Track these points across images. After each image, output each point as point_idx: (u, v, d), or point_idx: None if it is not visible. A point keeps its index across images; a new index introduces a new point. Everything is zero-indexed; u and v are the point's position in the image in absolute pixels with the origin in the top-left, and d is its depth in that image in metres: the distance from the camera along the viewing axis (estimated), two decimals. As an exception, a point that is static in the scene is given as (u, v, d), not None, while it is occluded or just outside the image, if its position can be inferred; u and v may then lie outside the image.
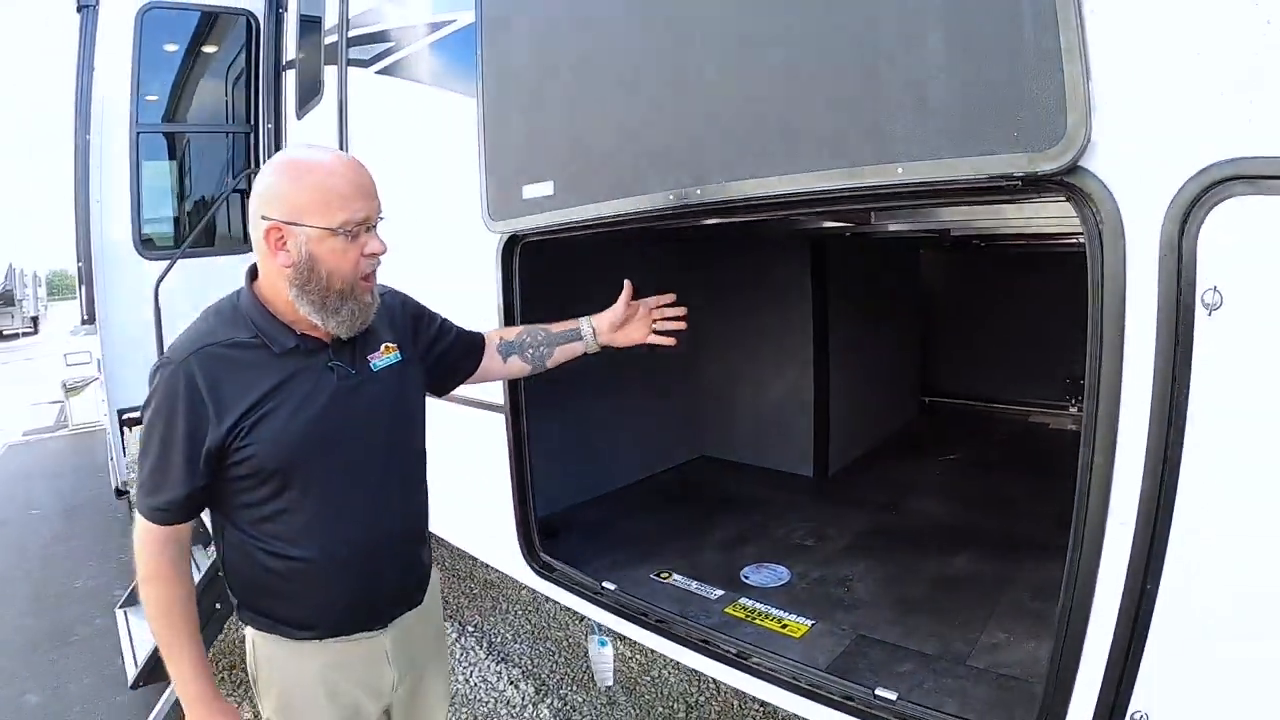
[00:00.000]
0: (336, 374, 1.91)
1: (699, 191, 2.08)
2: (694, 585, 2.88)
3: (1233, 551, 1.41)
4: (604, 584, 2.80)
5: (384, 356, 2.02)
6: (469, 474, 3.26)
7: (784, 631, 2.53)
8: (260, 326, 1.85)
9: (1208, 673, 1.48)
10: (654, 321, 2.43)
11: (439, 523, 3.60)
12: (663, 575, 2.96)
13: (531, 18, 2.61)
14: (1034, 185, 1.51)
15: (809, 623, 2.57)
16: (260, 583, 1.91)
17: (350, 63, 4.06)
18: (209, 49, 6.00)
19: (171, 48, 5.84)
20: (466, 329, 2.34)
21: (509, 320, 2.84)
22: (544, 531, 3.09)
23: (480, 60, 2.76)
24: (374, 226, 1.86)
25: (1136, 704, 1.54)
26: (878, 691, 2.08)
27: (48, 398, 15.12)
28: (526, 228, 2.71)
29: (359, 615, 1.99)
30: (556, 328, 2.44)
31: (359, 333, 1.92)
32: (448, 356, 2.28)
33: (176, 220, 6.02)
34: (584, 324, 2.43)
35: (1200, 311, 1.35)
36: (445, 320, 2.30)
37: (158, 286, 5.14)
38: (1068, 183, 1.45)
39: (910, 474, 4.35)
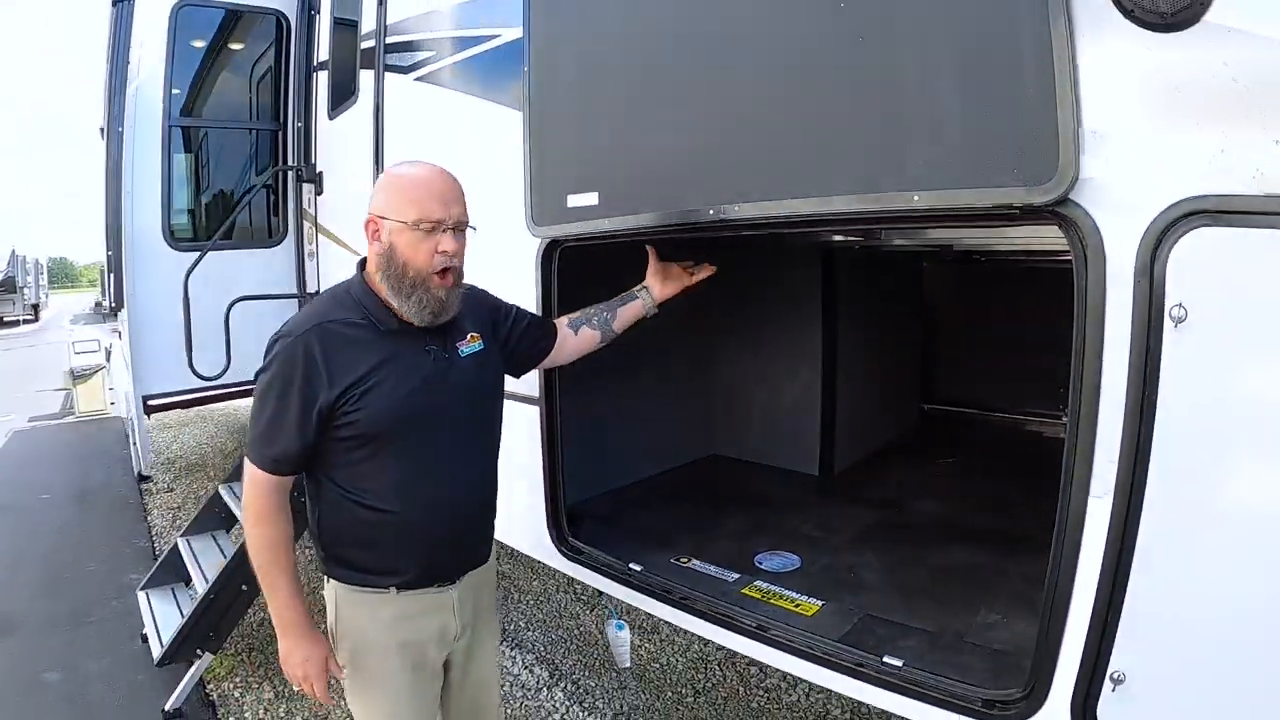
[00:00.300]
0: (431, 356, 2.24)
1: (737, 209, 2.36)
2: (712, 569, 3.15)
3: (1196, 527, 1.69)
4: (631, 565, 3.09)
5: (469, 344, 2.36)
6: (501, 465, 3.57)
7: (797, 610, 2.79)
8: (369, 309, 2.20)
9: (1176, 636, 1.75)
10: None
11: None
12: (682, 560, 3.22)
13: (578, 41, 2.90)
14: (1030, 214, 1.79)
15: (819, 603, 2.84)
16: (350, 534, 2.23)
17: (388, 68, 4.34)
18: (238, 46, 6.28)
19: (202, 44, 6.11)
20: (538, 315, 2.71)
21: (546, 311, 3.13)
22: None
23: (527, 76, 3.03)
24: (450, 229, 2.16)
25: (1115, 664, 1.81)
26: (885, 659, 2.35)
27: (51, 385, 15.33)
28: (568, 234, 3.00)
29: (434, 569, 2.30)
30: (614, 300, 2.82)
31: (436, 323, 2.23)
32: (523, 342, 2.63)
33: (194, 213, 6.30)
34: (636, 289, 2.86)
35: (1168, 324, 1.63)
36: (519, 309, 2.66)
37: (187, 277, 5.36)
38: (1059, 212, 1.74)
39: (911, 475, 4.63)
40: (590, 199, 2.81)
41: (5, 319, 38.56)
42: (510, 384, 3.24)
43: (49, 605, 5.58)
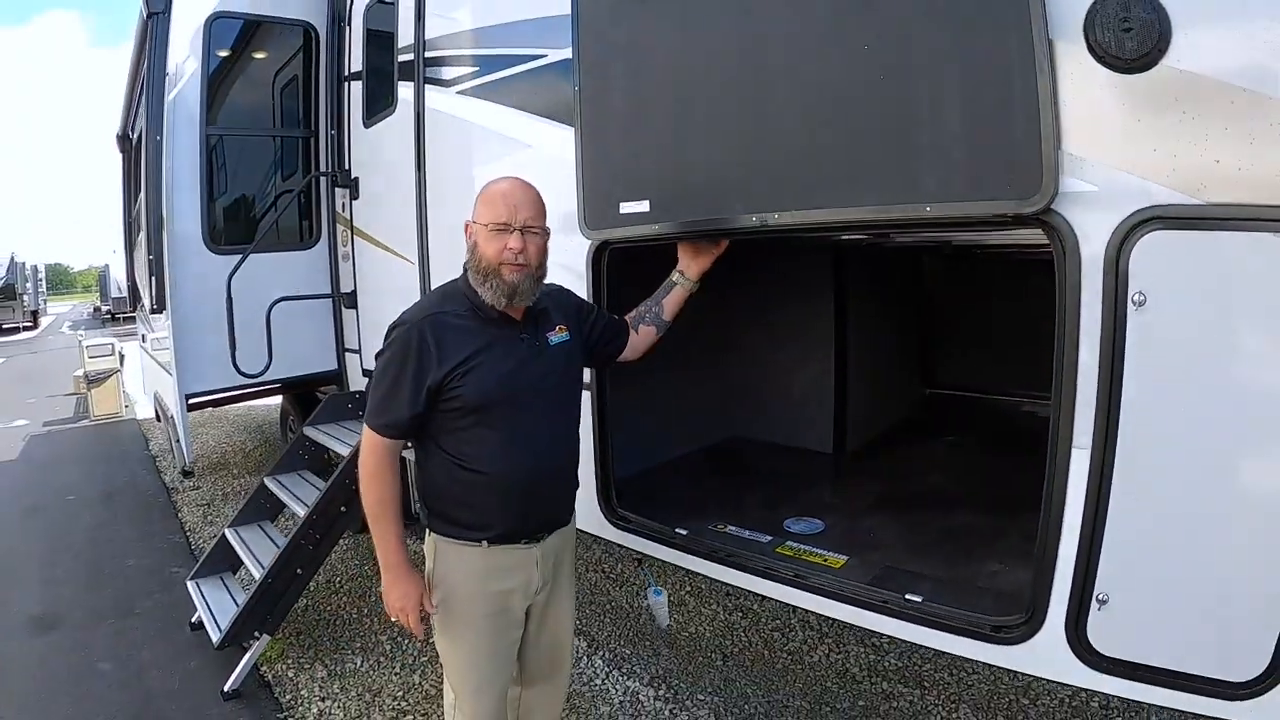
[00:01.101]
0: (524, 344, 2.69)
1: (776, 217, 2.85)
2: (746, 533, 3.59)
3: (1160, 470, 2.19)
4: (677, 529, 3.55)
5: (558, 335, 2.81)
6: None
7: (826, 564, 3.25)
8: (472, 301, 2.66)
9: (1149, 561, 2.24)
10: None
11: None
12: (718, 527, 3.66)
13: (626, 64, 3.35)
14: (1020, 221, 2.30)
15: (845, 558, 3.29)
16: (451, 493, 2.68)
17: (428, 82, 4.79)
18: (268, 56, 6.63)
19: (234, 54, 6.44)
20: (615, 317, 3.17)
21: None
22: (606, 495, 3.84)
23: (578, 94, 3.49)
24: (519, 230, 2.60)
25: (1100, 587, 2.29)
26: (907, 596, 2.82)
27: (60, 390, 15.64)
28: (619, 237, 3.47)
29: (520, 527, 2.73)
30: (655, 294, 3.29)
31: (512, 305, 2.66)
32: (603, 338, 3.08)
33: (230, 217, 6.64)
34: (672, 277, 3.29)
35: (1131, 308, 2.13)
36: (599, 309, 3.17)
37: (230, 279, 5.76)
38: (1042, 220, 2.24)
39: (917, 451, 5.12)
40: (642, 206, 3.27)
41: (4, 326, 38.72)
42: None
43: (93, 599, 5.85)
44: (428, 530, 2.81)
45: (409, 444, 2.75)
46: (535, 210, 2.68)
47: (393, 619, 2.73)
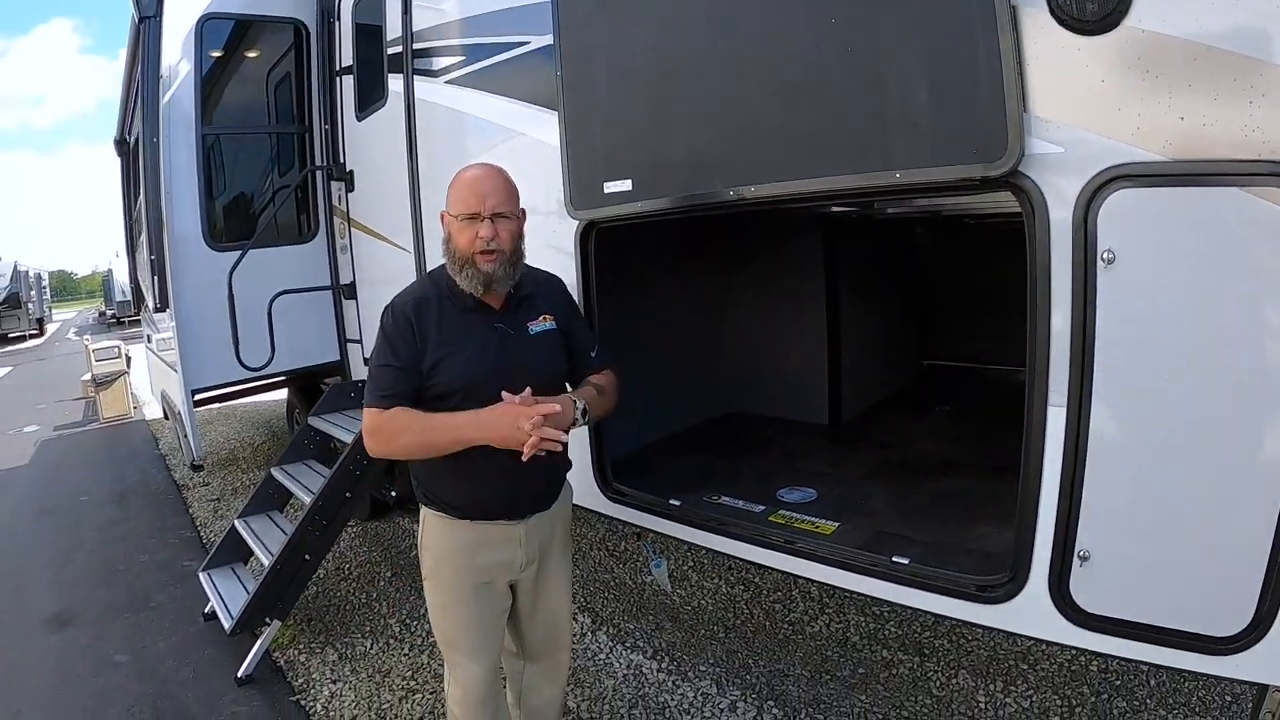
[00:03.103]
0: (498, 333, 2.73)
1: (752, 190, 2.89)
2: (740, 503, 3.62)
3: (1133, 425, 2.22)
4: (671, 501, 3.59)
5: (541, 323, 2.84)
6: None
7: (817, 530, 3.28)
8: (448, 290, 2.73)
9: (1127, 516, 2.26)
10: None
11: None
12: (712, 498, 3.69)
13: (605, 48, 3.38)
14: (989, 184, 2.32)
15: (836, 524, 3.32)
16: (438, 471, 2.74)
17: (417, 73, 4.81)
18: (259, 55, 6.65)
19: (226, 54, 6.46)
20: (596, 344, 3.07)
21: (585, 284, 3.67)
22: (602, 470, 3.87)
23: (560, 79, 3.52)
24: (489, 218, 2.62)
25: (1081, 544, 2.32)
26: (894, 559, 2.86)
27: (69, 395, 15.72)
28: (604, 216, 3.50)
29: (504, 506, 2.78)
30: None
31: (489, 293, 2.69)
32: (575, 344, 2.98)
33: (229, 214, 6.68)
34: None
35: (1101, 266, 2.15)
36: (587, 327, 3.17)
37: (231, 275, 5.81)
38: (1010, 182, 2.26)
39: (911, 421, 5.14)
40: (625, 185, 3.32)
41: (11, 335, 38.72)
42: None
43: (107, 595, 5.92)
44: (421, 505, 2.90)
45: None
46: (505, 196, 2.70)
47: (532, 438, 2.46)
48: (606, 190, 3.38)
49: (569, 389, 2.93)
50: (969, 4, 2.25)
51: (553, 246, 3.78)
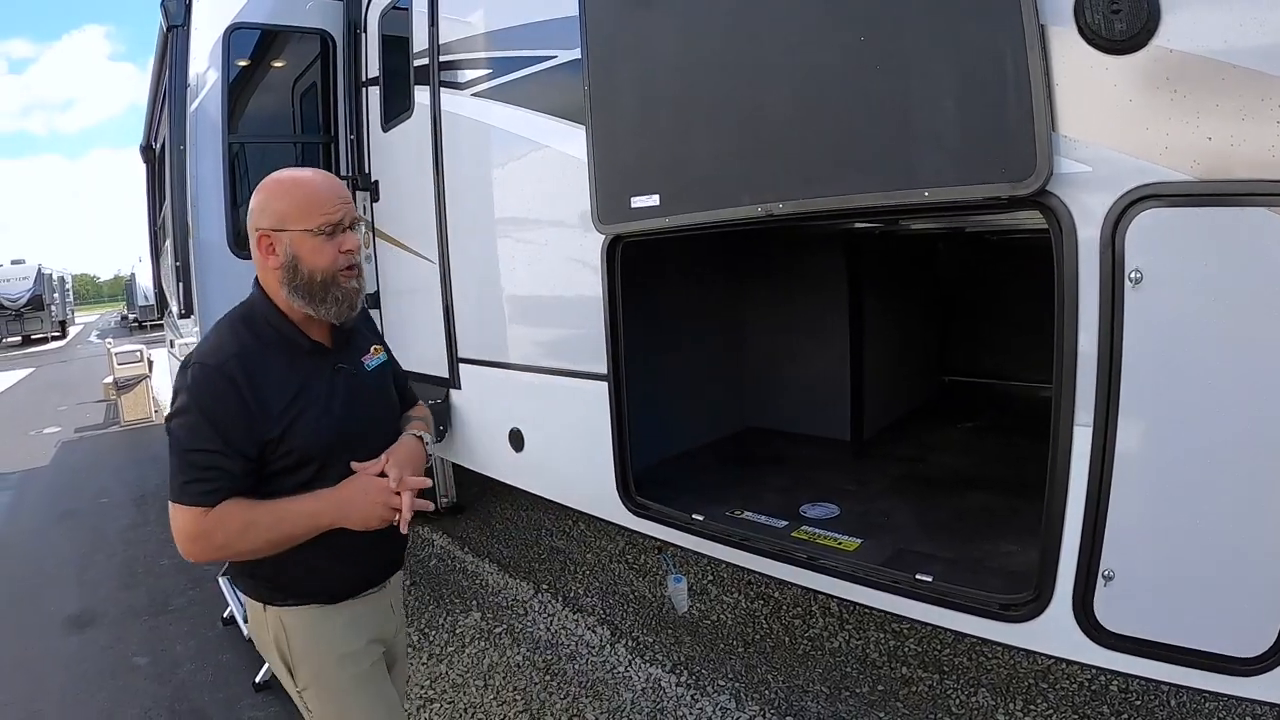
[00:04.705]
0: (343, 376, 2.32)
1: (781, 206, 2.90)
2: (762, 518, 3.64)
3: (1160, 444, 2.22)
4: (693, 516, 3.61)
5: (374, 357, 2.47)
6: (569, 436, 4.14)
7: (840, 547, 3.29)
8: (280, 330, 2.23)
9: (1152, 536, 2.26)
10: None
11: (539, 482, 4.43)
12: (735, 512, 3.71)
13: (634, 64, 3.42)
14: (1016, 203, 2.34)
15: (859, 540, 3.32)
16: (294, 560, 2.19)
17: (444, 85, 4.86)
18: (286, 65, 6.71)
19: (252, 63, 6.51)
20: (408, 393, 2.78)
21: (611, 298, 3.68)
22: (624, 484, 3.89)
23: (588, 93, 3.56)
24: (350, 227, 2.21)
25: (1105, 564, 2.32)
26: (918, 576, 2.86)
27: (90, 397, 15.85)
28: (631, 230, 3.53)
29: (370, 575, 2.41)
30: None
31: (351, 317, 2.29)
32: (395, 374, 2.68)
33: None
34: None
35: (1128, 285, 2.16)
36: (399, 367, 2.77)
37: (256, 282, 5.82)
38: (1038, 202, 2.28)
39: (933, 438, 5.13)
40: (652, 200, 3.34)
41: (34, 336, 39.42)
42: (577, 360, 3.84)
43: (127, 597, 6.00)
44: (263, 608, 2.33)
45: None
46: (349, 200, 2.28)
47: (395, 518, 2.22)
48: (633, 205, 3.41)
49: None
50: (998, 23, 2.27)
51: (575, 260, 3.82)
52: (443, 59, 4.87)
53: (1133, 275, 2.15)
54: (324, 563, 2.24)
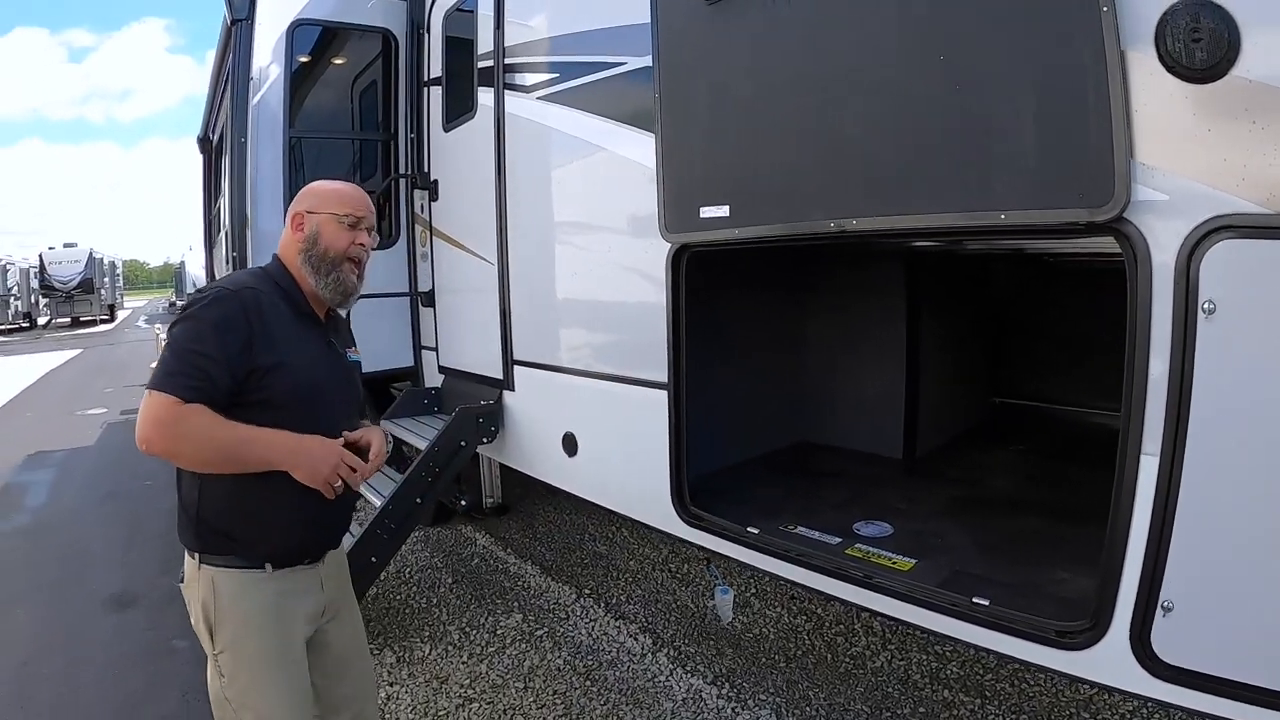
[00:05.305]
0: (331, 347, 2.64)
1: (854, 223, 2.94)
2: (816, 534, 3.64)
3: (1228, 476, 2.22)
4: (749, 529, 3.63)
5: (353, 355, 2.80)
6: (624, 443, 4.20)
7: (894, 566, 3.29)
8: (288, 291, 2.54)
9: (1215, 569, 2.26)
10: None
11: (591, 488, 4.47)
12: (789, 527, 3.72)
13: (707, 72, 3.47)
14: (1093, 229, 2.36)
15: (913, 561, 3.33)
16: (234, 503, 2.41)
17: (508, 87, 4.95)
18: (347, 62, 6.87)
19: (314, 60, 6.70)
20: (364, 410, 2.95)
21: (675, 307, 3.73)
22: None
23: (659, 101, 3.62)
24: (367, 229, 2.63)
25: (1165, 595, 2.32)
26: (974, 599, 2.85)
27: (137, 380, 16.05)
28: (699, 240, 3.58)
29: (305, 544, 2.56)
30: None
31: (343, 305, 2.66)
32: None
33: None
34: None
35: (1201, 316, 2.17)
36: None
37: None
38: (1114, 228, 2.30)
39: (985, 459, 5.12)
40: (722, 211, 3.38)
41: (83, 318, 40.77)
42: (636, 367, 3.92)
43: (168, 580, 6.02)
44: (197, 566, 2.48)
45: None
46: (373, 214, 2.72)
47: (338, 483, 2.44)
48: (702, 215, 3.45)
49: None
50: (1080, 48, 2.29)
51: (638, 267, 3.89)
52: (508, 61, 4.96)
53: (1206, 306, 2.16)
54: (268, 514, 2.44)
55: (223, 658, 2.46)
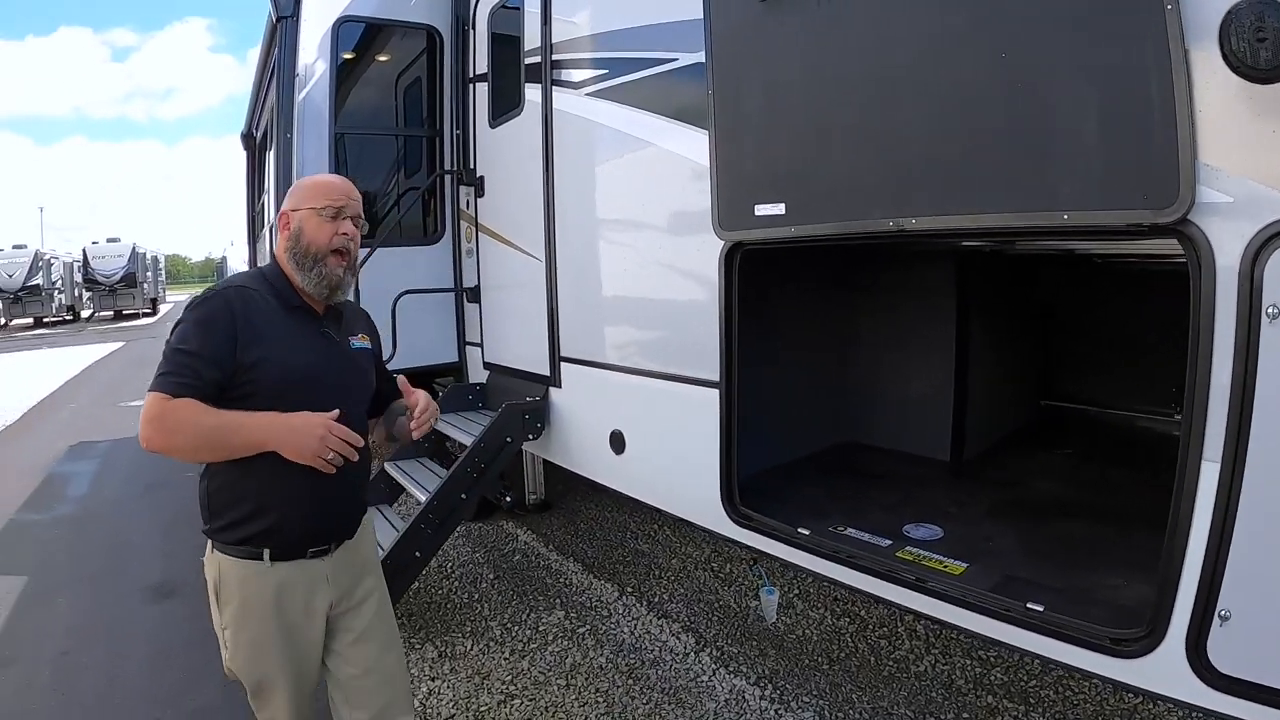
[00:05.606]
0: (325, 338, 2.69)
1: (914, 222, 2.93)
2: (866, 536, 3.63)
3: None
4: (799, 529, 3.63)
5: (360, 341, 2.84)
6: (674, 441, 4.21)
7: (946, 570, 3.28)
8: (277, 286, 2.64)
9: (1271, 581, 2.23)
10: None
11: (639, 487, 4.48)
12: (838, 529, 3.71)
13: (762, 69, 3.47)
14: (1156, 231, 2.34)
15: (964, 565, 3.31)
16: (238, 495, 2.53)
17: (555, 84, 4.98)
18: (392, 58, 6.95)
19: (359, 56, 6.77)
20: (396, 390, 2.98)
21: (727, 304, 3.73)
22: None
23: (712, 98, 3.63)
24: (349, 218, 2.65)
25: (1223, 603, 2.29)
26: (1029, 605, 2.84)
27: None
28: (753, 238, 3.58)
29: (310, 535, 2.63)
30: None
31: (331, 299, 2.68)
32: (381, 371, 2.99)
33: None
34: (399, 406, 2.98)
35: (1265, 320, 2.15)
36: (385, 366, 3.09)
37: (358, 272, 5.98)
38: (1178, 230, 2.28)
39: (1032, 463, 5.08)
40: (777, 209, 3.38)
41: (126, 311, 41.79)
42: (686, 365, 3.94)
43: None
44: (210, 548, 2.66)
45: None
46: (359, 202, 2.75)
47: (329, 455, 2.47)
48: (757, 213, 3.45)
49: (385, 421, 3.00)
50: (1144, 46, 2.28)
51: (689, 264, 3.94)
52: (555, 58, 4.99)
53: (1270, 310, 2.13)
54: (265, 504, 2.54)
55: (226, 634, 2.64)
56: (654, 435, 4.47)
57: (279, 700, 2.68)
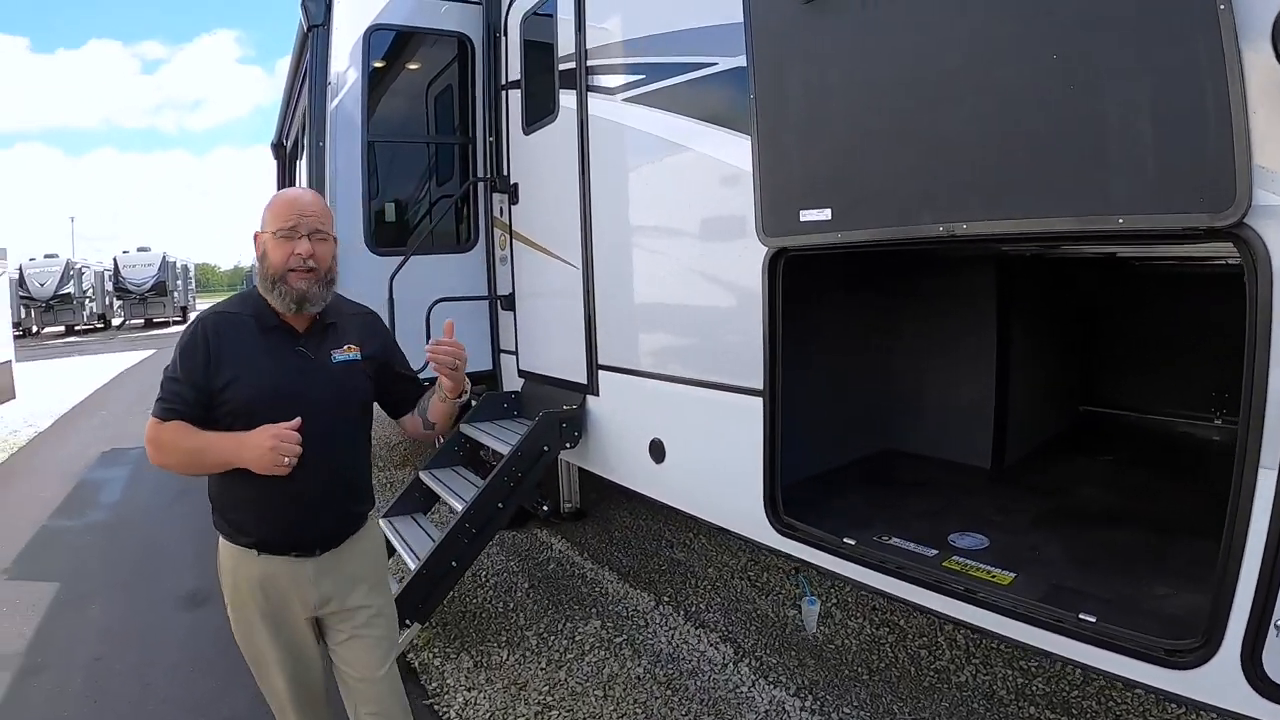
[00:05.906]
0: (300, 356, 2.80)
1: (964, 227, 2.90)
2: (911, 545, 3.60)
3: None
4: (845, 539, 3.60)
5: (345, 353, 2.89)
6: (715, 450, 4.20)
7: (994, 580, 3.24)
8: (258, 310, 2.80)
9: None
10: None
11: (679, 496, 4.45)
12: (883, 538, 3.68)
13: (805, 72, 3.46)
14: (1212, 234, 2.31)
15: (1012, 574, 3.27)
16: (227, 494, 2.79)
17: (590, 89, 4.98)
18: (423, 66, 6.98)
19: (390, 64, 6.80)
20: (419, 383, 3.20)
21: (771, 311, 3.72)
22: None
23: (754, 101, 3.62)
24: (305, 236, 2.72)
25: (1279, 614, 2.27)
26: (1081, 615, 2.80)
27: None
28: (799, 244, 3.56)
29: (288, 538, 2.81)
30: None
31: (302, 312, 2.78)
32: (393, 389, 3.13)
33: (389, 220, 6.98)
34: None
35: (1324, 325, 2.13)
36: (408, 364, 3.22)
37: (393, 280, 6.05)
38: (1234, 233, 2.25)
39: (1074, 470, 5.03)
40: (824, 214, 3.37)
41: (156, 319, 42.53)
42: (728, 373, 3.93)
43: None
44: (219, 538, 2.90)
45: None
46: (322, 216, 2.82)
47: (284, 460, 2.61)
48: (802, 218, 3.44)
49: (420, 412, 3.13)
50: (1197, 50, 2.26)
51: (731, 271, 3.94)
52: (590, 64, 5.01)
53: (1329, 316, 2.11)
54: (237, 509, 2.79)
55: (229, 610, 2.92)
56: (695, 444, 4.46)
57: (274, 674, 2.93)
